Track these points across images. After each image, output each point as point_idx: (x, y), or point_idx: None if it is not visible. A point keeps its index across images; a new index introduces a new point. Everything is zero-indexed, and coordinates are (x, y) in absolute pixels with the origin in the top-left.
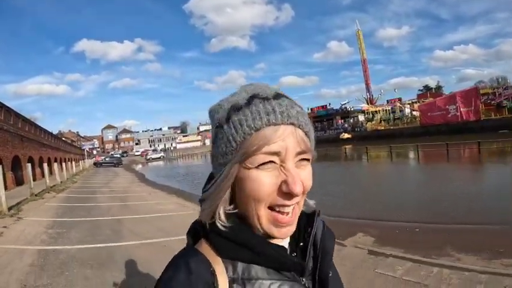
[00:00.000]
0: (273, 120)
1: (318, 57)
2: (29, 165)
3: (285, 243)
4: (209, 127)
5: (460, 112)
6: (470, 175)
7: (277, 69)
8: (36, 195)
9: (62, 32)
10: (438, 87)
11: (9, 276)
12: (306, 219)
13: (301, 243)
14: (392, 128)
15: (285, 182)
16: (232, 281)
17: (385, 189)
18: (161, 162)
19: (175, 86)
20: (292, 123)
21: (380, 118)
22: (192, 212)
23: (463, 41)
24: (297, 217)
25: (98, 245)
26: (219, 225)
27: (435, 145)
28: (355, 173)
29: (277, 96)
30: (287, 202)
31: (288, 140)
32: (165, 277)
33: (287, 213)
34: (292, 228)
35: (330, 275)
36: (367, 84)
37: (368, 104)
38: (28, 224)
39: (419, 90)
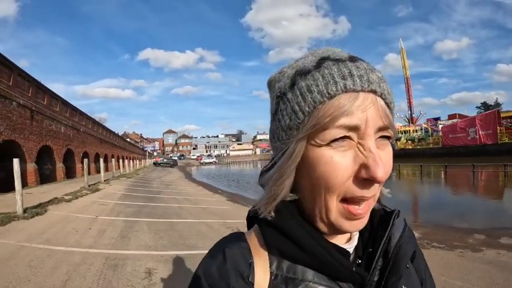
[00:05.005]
0: (351, 86)
1: None
2: (113, 159)
3: (350, 246)
4: (265, 136)
5: (479, 135)
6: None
7: None
8: (116, 177)
9: (128, 40)
10: (497, 105)
11: (114, 196)
12: (381, 219)
13: (371, 249)
14: (418, 147)
15: (364, 165)
16: (274, 277)
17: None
18: (212, 166)
19: (234, 94)
20: (373, 91)
21: (406, 138)
22: (200, 193)
23: None
24: (370, 209)
25: (149, 195)
26: (269, 212)
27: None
28: None
29: (353, 58)
30: (365, 193)
31: (369, 111)
32: (203, 260)
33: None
34: (364, 221)
35: None
36: (409, 103)
37: (409, 123)
38: (115, 187)
39: (477, 107)
